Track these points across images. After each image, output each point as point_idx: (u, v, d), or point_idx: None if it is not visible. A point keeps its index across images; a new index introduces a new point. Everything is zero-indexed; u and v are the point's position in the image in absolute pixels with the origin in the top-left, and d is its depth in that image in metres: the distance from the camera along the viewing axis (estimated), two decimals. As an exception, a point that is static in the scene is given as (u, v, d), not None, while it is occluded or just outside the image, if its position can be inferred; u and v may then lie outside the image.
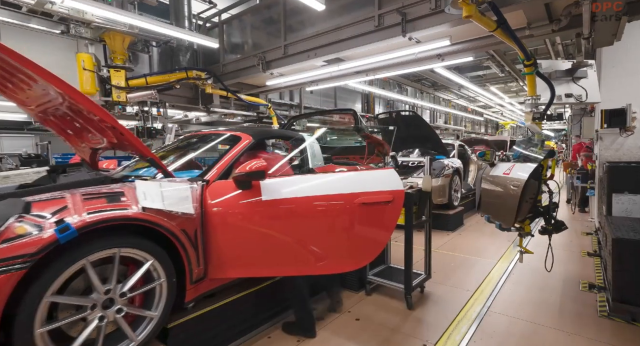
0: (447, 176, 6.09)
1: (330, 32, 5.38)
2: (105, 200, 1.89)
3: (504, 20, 3.02)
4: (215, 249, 2.28)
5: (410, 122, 5.74)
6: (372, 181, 2.65)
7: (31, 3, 4.61)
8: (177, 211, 2.05)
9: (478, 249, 4.87)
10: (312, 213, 2.46)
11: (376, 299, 3.31)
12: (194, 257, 2.18)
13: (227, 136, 2.96)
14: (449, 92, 17.12)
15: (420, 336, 2.65)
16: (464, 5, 2.91)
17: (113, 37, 5.83)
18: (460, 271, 4.02)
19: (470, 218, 6.93)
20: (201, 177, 2.37)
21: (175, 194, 2.09)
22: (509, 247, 4.87)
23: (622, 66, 4.36)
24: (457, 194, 6.56)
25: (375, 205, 2.56)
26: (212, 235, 2.25)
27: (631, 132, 4.09)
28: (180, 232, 2.09)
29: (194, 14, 7.66)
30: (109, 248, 1.85)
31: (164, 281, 2.07)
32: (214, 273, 2.31)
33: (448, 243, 5.20)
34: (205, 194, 2.27)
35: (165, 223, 2.01)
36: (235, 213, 2.30)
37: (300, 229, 2.44)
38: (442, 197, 6.01)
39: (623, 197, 3.81)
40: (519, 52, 3.34)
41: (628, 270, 2.72)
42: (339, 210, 2.50)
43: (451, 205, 6.21)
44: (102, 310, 1.86)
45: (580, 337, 2.59)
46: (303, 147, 3.23)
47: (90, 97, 5.55)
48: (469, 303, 3.19)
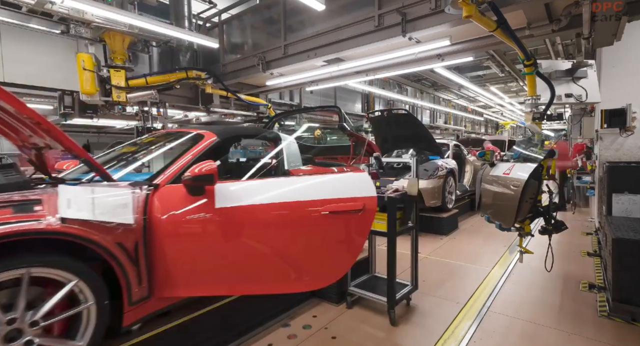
0: (440, 177, 5.83)
1: (330, 32, 5.39)
2: (11, 210, 1.61)
3: (504, 20, 3.02)
4: (162, 265, 1.98)
5: (403, 121, 5.63)
6: (339, 186, 2.32)
7: (31, 3, 4.60)
8: (111, 221, 1.77)
9: (472, 255, 4.66)
10: (269, 224, 2.15)
11: (357, 313, 3.02)
12: (134, 275, 1.88)
13: (189, 134, 2.63)
14: (449, 92, 17.12)
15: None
16: (464, 5, 2.91)
17: (113, 37, 5.82)
18: (452, 280, 3.79)
19: (466, 221, 6.79)
20: (150, 181, 2.09)
21: (111, 201, 1.80)
22: (504, 253, 4.67)
23: (622, 66, 4.36)
24: (452, 196, 6.28)
25: (342, 214, 2.23)
26: (158, 248, 1.97)
27: (631, 132, 4.09)
28: (115, 246, 1.79)
29: (194, 14, 7.66)
30: (14, 269, 1.55)
31: (93, 304, 1.77)
32: (161, 291, 2.01)
33: (441, 249, 5.00)
34: (153, 201, 1.99)
35: (93, 237, 1.71)
36: (185, 223, 2.01)
37: (257, 242, 2.15)
38: (435, 199, 5.75)
39: (623, 197, 3.81)
40: (519, 52, 3.35)
41: (628, 270, 2.72)
42: (301, 220, 2.18)
43: (445, 208, 5.98)
44: (4, 343, 1.55)
45: (580, 337, 2.59)
46: (278, 146, 2.97)
47: (90, 97, 5.62)
48: (457, 318, 2.94)
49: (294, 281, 2.25)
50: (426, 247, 5.00)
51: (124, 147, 3.04)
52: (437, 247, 5.07)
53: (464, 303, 3.21)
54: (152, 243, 1.96)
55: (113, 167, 2.49)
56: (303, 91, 11.57)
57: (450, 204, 6.16)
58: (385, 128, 5.96)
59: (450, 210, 6.12)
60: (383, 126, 5.96)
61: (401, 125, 5.59)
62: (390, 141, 6.23)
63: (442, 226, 5.76)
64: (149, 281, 1.97)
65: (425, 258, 4.52)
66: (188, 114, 8.16)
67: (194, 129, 2.69)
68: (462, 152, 7.52)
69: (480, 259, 4.47)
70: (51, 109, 6.32)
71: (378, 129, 6.13)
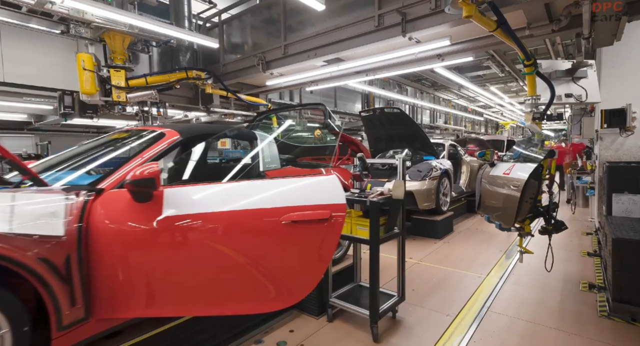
0: (434, 178, 5.53)
1: (330, 32, 5.39)
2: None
3: (504, 20, 3.01)
4: (103, 282, 1.75)
5: (396, 120, 5.50)
6: (304, 193, 2.02)
7: (31, 3, 4.60)
8: (33, 234, 1.53)
9: (466, 261, 4.44)
10: (221, 235, 1.87)
11: (338, 327, 2.79)
12: (64, 294, 1.61)
13: (151, 132, 2.41)
14: (449, 92, 17.12)
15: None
16: (464, 5, 2.89)
17: (113, 37, 5.82)
18: (443, 289, 3.56)
19: (462, 224, 6.58)
20: (93, 186, 1.86)
21: (35, 210, 1.58)
22: (500, 259, 4.47)
23: (622, 66, 4.36)
24: (447, 198, 6.01)
25: (306, 223, 1.95)
26: (98, 263, 1.73)
27: (631, 132, 4.09)
28: (38, 263, 1.52)
29: (194, 14, 7.66)
30: None
31: (7, 332, 1.50)
32: (103, 312, 1.76)
33: (434, 253, 4.77)
34: (94, 208, 1.76)
35: (8, 253, 1.45)
36: (129, 234, 1.77)
37: (207, 256, 1.87)
38: (428, 201, 5.44)
39: (623, 197, 3.81)
40: (519, 52, 3.34)
41: (628, 270, 2.72)
42: (257, 231, 1.92)
43: (439, 210, 5.70)
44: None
45: (580, 337, 2.59)
46: (254, 147, 2.79)
47: (90, 97, 5.62)
48: (447, 332, 2.72)
49: (253, 301, 1.98)
50: (419, 251, 4.87)
51: (82, 146, 2.79)
52: (430, 252, 4.86)
53: (454, 315, 2.99)
54: (91, 257, 1.71)
55: (64, 170, 2.26)
56: (303, 91, 11.57)
57: (445, 206, 5.92)
58: (379, 128, 5.90)
59: (445, 212, 5.87)
60: (376, 125, 5.89)
61: (395, 125, 5.48)
62: (384, 141, 6.14)
63: (436, 229, 5.50)
64: (86, 301, 1.70)
65: (417, 264, 4.34)
66: (188, 114, 8.17)
67: (158, 127, 2.49)
68: (458, 152, 7.32)
69: (475, 265, 4.27)
70: (51, 109, 6.33)
71: (371, 128, 6.07)
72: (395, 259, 2.92)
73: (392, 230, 2.78)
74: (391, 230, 2.78)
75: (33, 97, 5.96)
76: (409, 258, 4.55)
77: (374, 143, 6.29)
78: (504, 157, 4.27)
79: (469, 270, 4.12)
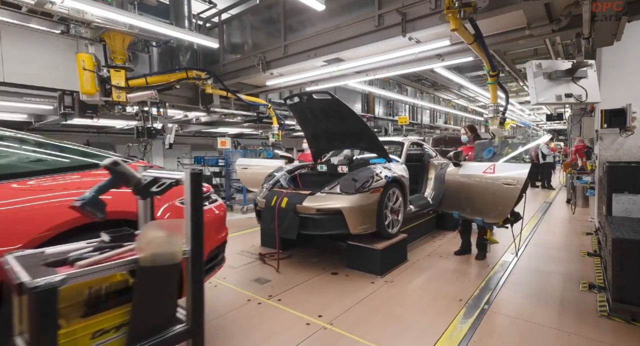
0: (375, 190, 3.85)
1: (330, 32, 5.39)
2: None
3: (480, 34, 3.86)
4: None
5: (332, 112, 4.18)
6: None
7: (31, 3, 4.61)
8: None
9: (402, 322, 2.79)
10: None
11: None
12: None
13: None
14: (449, 92, 17.12)
15: None
16: (452, 19, 3.39)
17: (113, 37, 5.82)
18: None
19: (422, 248, 4.78)
20: None
21: None
22: (457, 316, 2.87)
23: (622, 66, 4.36)
24: (398, 216, 4.25)
25: None
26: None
27: (631, 132, 4.09)
28: None
29: (194, 14, 7.66)
30: None
31: None
32: None
33: (360, 305, 3.08)
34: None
35: None
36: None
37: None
38: (365, 223, 3.80)
39: (623, 197, 3.81)
40: (486, 64, 4.14)
41: (628, 270, 2.72)
42: None
43: (385, 234, 4.00)
44: None
45: (580, 337, 2.59)
46: None
47: (90, 97, 5.63)
48: None
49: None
50: (341, 299, 3.20)
51: None
52: (356, 302, 3.15)
53: None
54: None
55: None
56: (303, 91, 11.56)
57: (394, 228, 4.17)
58: (313, 122, 4.62)
59: (393, 236, 4.11)
60: (309, 118, 4.60)
61: (333, 118, 4.28)
62: (322, 139, 4.92)
63: (375, 262, 3.81)
64: None
65: (322, 331, 2.65)
66: (188, 114, 8.18)
67: None
68: (425, 153, 5.59)
69: (411, 332, 2.63)
70: (51, 109, 6.33)
71: (304, 122, 4.80)
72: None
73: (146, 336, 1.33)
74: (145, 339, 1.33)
75: (33, 97, 5.96)
76: (318, 316, 2.88)
77: (313, 142, 5.02)
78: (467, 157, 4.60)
79: (403, 341, 2.51)
